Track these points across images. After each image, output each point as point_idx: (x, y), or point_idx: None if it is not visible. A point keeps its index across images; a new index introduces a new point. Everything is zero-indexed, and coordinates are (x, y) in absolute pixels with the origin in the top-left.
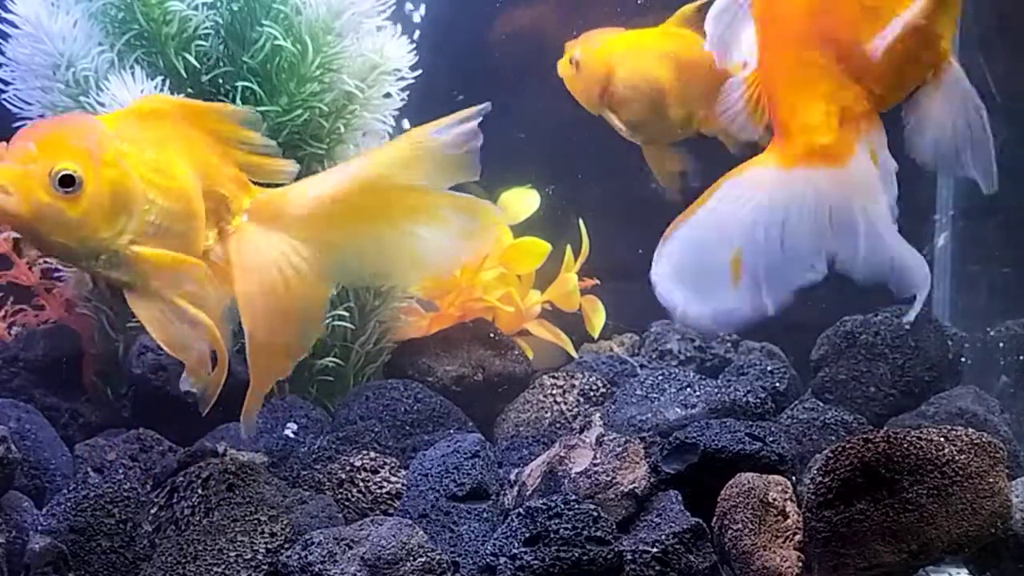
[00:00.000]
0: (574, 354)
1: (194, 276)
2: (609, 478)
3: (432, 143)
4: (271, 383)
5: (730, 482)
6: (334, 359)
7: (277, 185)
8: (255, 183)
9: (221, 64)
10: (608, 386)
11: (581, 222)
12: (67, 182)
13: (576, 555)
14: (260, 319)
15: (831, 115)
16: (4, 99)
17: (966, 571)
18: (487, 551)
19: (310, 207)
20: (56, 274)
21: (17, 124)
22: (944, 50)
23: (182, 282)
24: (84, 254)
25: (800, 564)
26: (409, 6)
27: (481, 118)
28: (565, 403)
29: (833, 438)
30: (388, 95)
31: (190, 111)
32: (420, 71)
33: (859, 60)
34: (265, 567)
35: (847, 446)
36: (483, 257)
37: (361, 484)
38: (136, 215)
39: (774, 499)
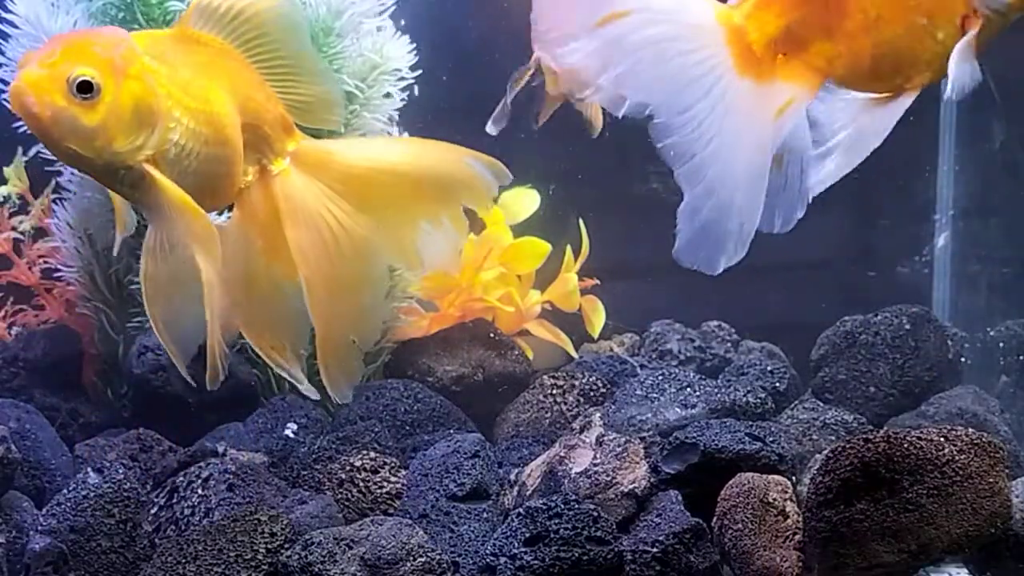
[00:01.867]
0: (574, 354)
1: (198, 227)
2: (609, 478)
3: (466, 168)
4: (341, 343)
5: (730, 482)
6: None
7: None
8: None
9: None
10: (608, 386)
11: (581, 222)
12: (84, 88)
13: (576, 555)
14: (315, 266)
15: (777, 41)
16: (4, 99)
17: (966, 571)
18: (487, 551)
19: (353, 161)
20: (56, 274)
21: (17, 124)
22: (915, 85)
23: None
24: (102, 167)
25: (800, 564)
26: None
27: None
28: (565, 403)
29: (833, 438)
30: (388, 95)
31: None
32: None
33: (847, 24)
34: (265, 567)
35: (847, 446)
36: (483, 257)
37: (361, 484)
38: (158, 132)
39: (774, 499)
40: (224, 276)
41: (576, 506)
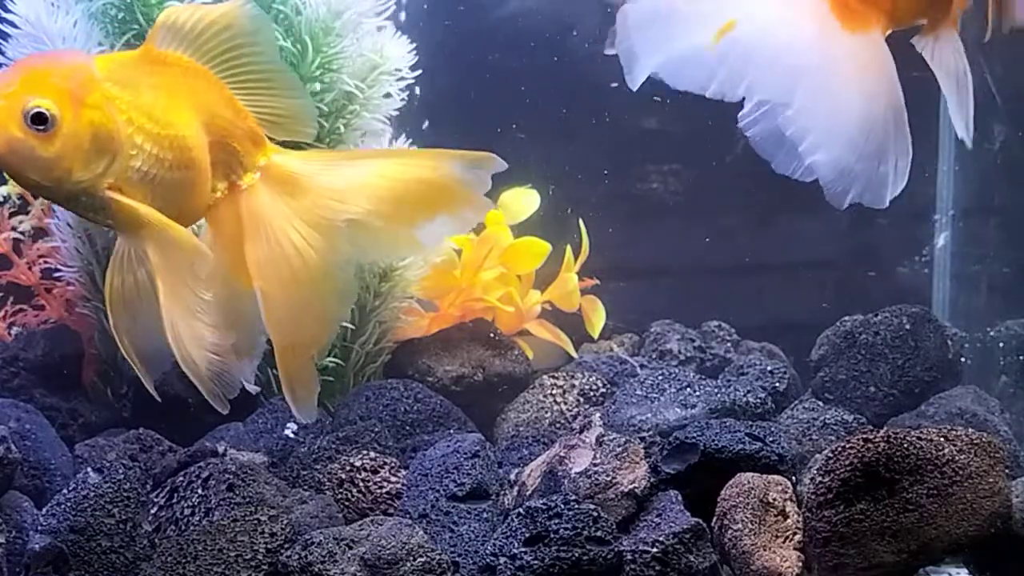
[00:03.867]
0: (574, 354)
1: (177, 239)
2: (609, 478)
3: (454, 176)
4: (300, 359)
5: (730, 482)
6: (334, 359)
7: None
8: (276, 141)
9: None
10: (608, 386)
11: (581, 222)
12: (39, 120)
13: (576, 555)
14: (271, 282)
15: None
16: None
17: (966, 571)
18: (487, 551)
19: (326, 178)
20: (56, 274)
21: None
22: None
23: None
24: (62, 195)
25: (800, 564)
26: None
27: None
28: (565, 403)
29: (833, 438)
30: (388, 95)
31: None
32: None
33: None
34: (265, 567)
35: (847, 446)
36: (483, 257)
37: (361, 484)
38: (119, 160)
39: (774, 499)
40: (203, 291)
41: (576, 506)
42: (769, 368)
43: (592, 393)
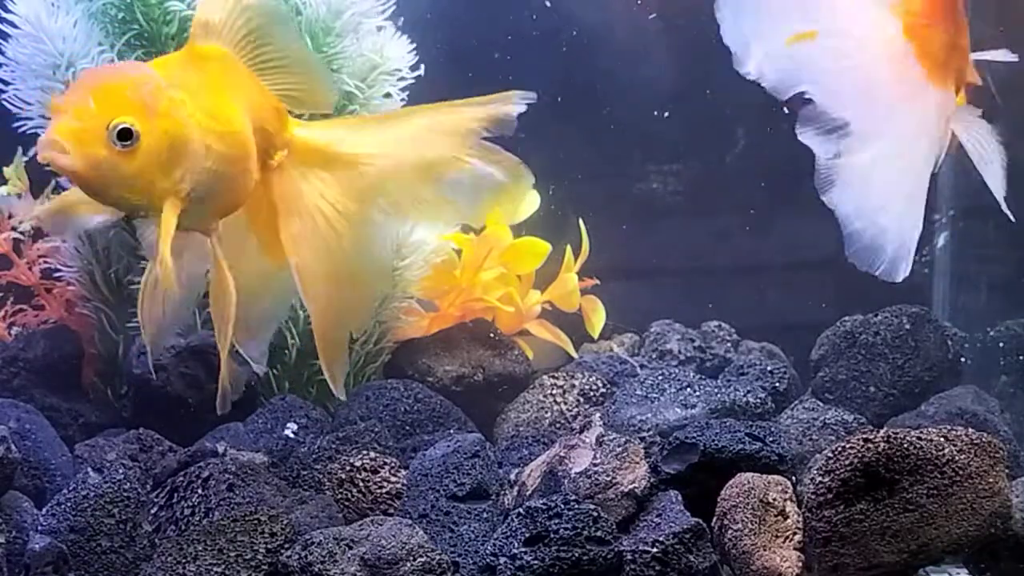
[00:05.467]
0: (574, 354)
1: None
2: (609, 478)
3: (474, 126)
4: (339, 336)
5: (730, 482)
6: None
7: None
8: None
9: None
10: (608, 386)
11: (581, 222)
12: (125, 136)
13: (576, 555)
14: (307, 254)
15: (943, 44)
16: (4, 99)
17: (966, 571)
18: (487, 551)
19: (350, 141)
20: (56, 274)
21: (17, 124)
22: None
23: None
24: (144, 206)
25: (800, 564)
26: None
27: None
28: (565, 403)
29: (833, 438)
30: (388, 95)
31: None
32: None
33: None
34: (265, 567)
35: (847, 446)
36: (483, 257)
37: (361, 484)
38: (194, 163)
39: (774, 499)
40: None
41: (576, 506)
42: (769, 368)
43: (592, 393)
